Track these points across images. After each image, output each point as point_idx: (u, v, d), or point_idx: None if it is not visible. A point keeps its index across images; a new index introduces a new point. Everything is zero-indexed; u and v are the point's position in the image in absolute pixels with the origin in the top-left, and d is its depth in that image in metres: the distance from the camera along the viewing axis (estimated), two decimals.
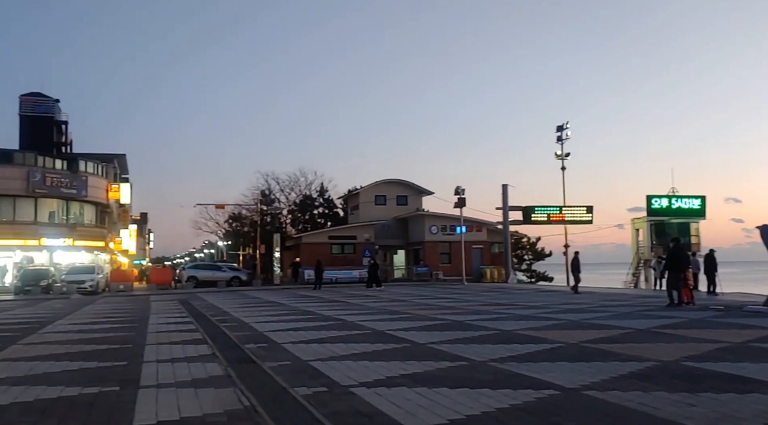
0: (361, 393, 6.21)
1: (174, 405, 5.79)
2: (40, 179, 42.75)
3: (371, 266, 33.74)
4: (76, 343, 10.85)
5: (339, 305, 20.01)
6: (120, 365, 8.36)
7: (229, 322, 14.47)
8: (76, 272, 36.13)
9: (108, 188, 50.50)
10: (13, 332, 13.11)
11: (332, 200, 63.09)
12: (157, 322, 14.87)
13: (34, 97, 53.67)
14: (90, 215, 48.44)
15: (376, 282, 32.51)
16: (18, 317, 17.91)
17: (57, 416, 5.49)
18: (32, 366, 8.28)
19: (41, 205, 43.80)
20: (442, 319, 14.18)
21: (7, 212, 42.56)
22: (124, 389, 6.65)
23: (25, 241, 41.94)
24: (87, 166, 47.71)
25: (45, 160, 44.62)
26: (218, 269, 42.97)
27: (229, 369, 7.74)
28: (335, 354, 8.91)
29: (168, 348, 9.88)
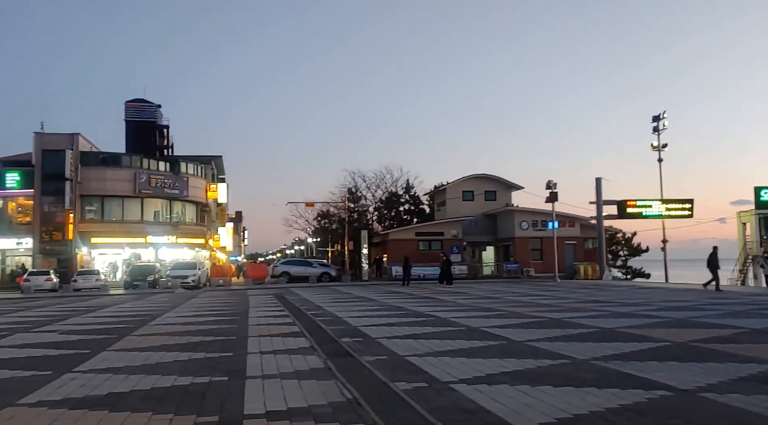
0: (462, 390, 6.16)
1: (280, 396, 5.97)
2: (146, 180, 45.45)
3: (443, 262, 33.49)
4: (184, 335, 11.42)
5: (429, 301, 19.98)
6: (226, 356, 8.72)
7: (323, 316, 14.78)
8: (179, 268, 38.13)
9: (206, 188, 52.99)
10: (126, 324, 14.00)
11: (418, 197, 63.11)
12: (257, 315, 15.41)
13: (138, 103, 57.02)
14: (191, 214, 51.01)
15: (447, 279, 32.22)
16: (129, 310, 19.10)
17: (173, 403, 5.78)
18: (147, 356, 8.80)
19: (147, 205, 46.55)
20: (538, 316, 13.85)
21: (117, 212, 45.54)
22: (232, 379, 6.93)
23: (133, 239, 44.77)
24: (187, 167, 50.22)
25: (149, 162, 47.36)
26: (309, 265, 44.02)
27: (329, 362, 7.89)
28: (431, 349, 8.89)
29: (269, 341, 10.21)
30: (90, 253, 44.23)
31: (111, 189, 44.99)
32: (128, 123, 56.68)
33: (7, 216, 43.79)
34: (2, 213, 43.70)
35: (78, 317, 16.43)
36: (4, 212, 43.76)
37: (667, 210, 39.78)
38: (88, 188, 44.07)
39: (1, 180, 43.00)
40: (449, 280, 32.36)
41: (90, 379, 7.09)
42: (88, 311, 18.66)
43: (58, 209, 42.66)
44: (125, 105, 57.46)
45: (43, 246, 42.46)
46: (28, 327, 13.99)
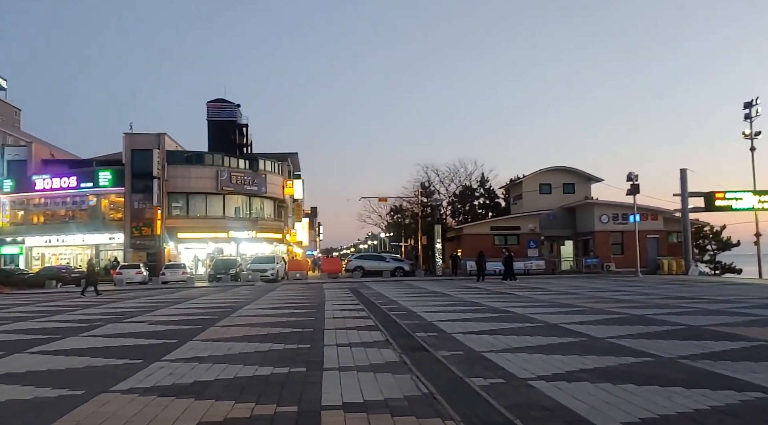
0: (541, 386, 6.03)
1: (356, 388, 6.05)
2: (227, 177, 47.14)
3: (506, 258, 32.76)
4: (264, 326, 11.77)
5: (505, 297, 19.69)
6: (304, 347, 8.92)
7: (397, 311, 14.85)
8: (259, 261, 39.33)
9: (283, 185, 54.35)
10: (211, 315, 14.57)
11: (493, 190, 62.26)
12: (332, 308, 15.67)
13: (219, 104, 59.13)
14: (269, 209, 52.49)
15: (511, 276, 31.59)
16: (213, 301, 19.87)
17: (255, 393, 5.97)
18: (230, 347, 9.12)
19: (228, 201, 48.27)
20: (620, 313, 13.38)
21: (201, 208, 47.46)
22: (310, 370, 7.08)
23: (215, 234, 46.58)
24: (265, 165, 51.67)
25: (230, 160, 49.09)
26: (383, 259, 44.34)
27: (404, 356, 7.92)
28: (508, 345, 8.76)
29: (345, 334, 10.36)
30: (176, 247, 46.33)
31: (195, 186, 46.94)
32: (210, 122, 58.93)
33: (101, 213, 46.50)
34: (96, 210, 46.44)
35: (166, 309, 17.24)
36: (98, 209, 46.48)
37: (761, 203, 37.42)
38: (173, 185, 46.14)
39: (95, 179, 45.69)
40: (511, 276, 31.80)
41: (177, 368, 7.43)
42: (175, 303, 19.55)
43: (147, 206, 44.92)
44: (207, 105, 59.77)
45: (134, 241, 44.83)
46: (121, 317, 14.80)
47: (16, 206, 47.88)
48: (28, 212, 47.74)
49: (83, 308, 18.38)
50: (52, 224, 46.91)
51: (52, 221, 47.13)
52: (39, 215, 47.69)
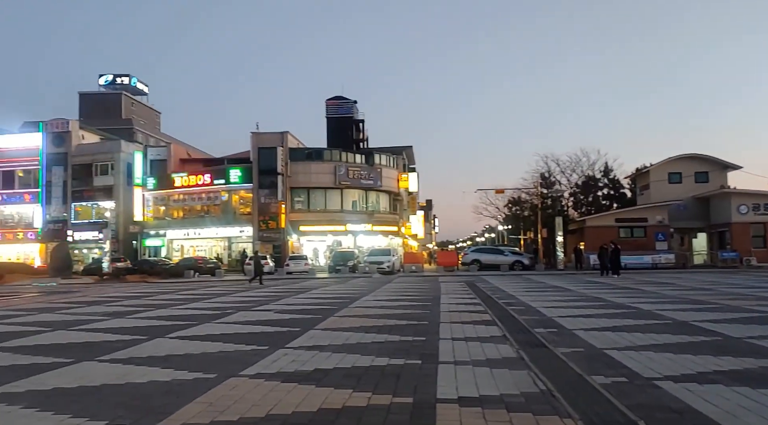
0: (668, 387, 5.70)
1: (472, 382, 6.03)
2: (345, 172, 48.52)
3: (612, 251, 30.82)
4: (381, 318, 12.01)
5: (631, 292, 18.72)
6: (419, 340, 9.01)
7: (515, 305, 14.59)
8: (375, 254, 40.17)
9: (398, 178, 55.03)
10: (330, 305, 15.10)
11: (618, 181, 59.25)
12: (448, 302, 15.68)
13: (337, 101, 60.87)
14: (384, 203, 53.36)
15: (615, 270, 29.75)
16: (333, 292, 20.56)
17: (371, 383, 6.13)
18: (348, 336, 9.41)
19: (346, 195, 49.69)
20: (760, 311, 12.30)
21: (320, 202, 49.22)
22: (425, 363, 7.15)
23: (334, 227, 48.16)
24: (381, 159, 52.58)
25: (347, 155, 50.50)
26: (500, 253, 43.62)
27: (521, 351, 7.78)
28: (633, 343, 8.35)
29: (460, 328, 10.34)
30: (298, 239, 48.39)
31: (315, 181, 48.77)
32: (329, 119, 60.85)
33: (232, 207, 49.51)
34: (228, 205, 49.51)
35: (290, 298, 18.08)
36: (229, 204, 49.52)
37: None
38: (296, 180, 48.21)
39: (227, 176, 48.73)
40: (616, 270, 30.09)
41: (299, 355, 7.78)
42: (298, 293, 20.45)
43: (272, 201, 47.28)
44: (326, 103, 61.75)
45: (261, 234, 47.36)
46: (250, 305, 15.71)
47: (158, 202, 52.13)
48: (169, 208, 51.81)
49: (217, 296, 19.69)
50: (190, 219, 50.63)
51: (190, 216, 50.85)
52: (178, 210, 51.63)
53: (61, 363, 7.53)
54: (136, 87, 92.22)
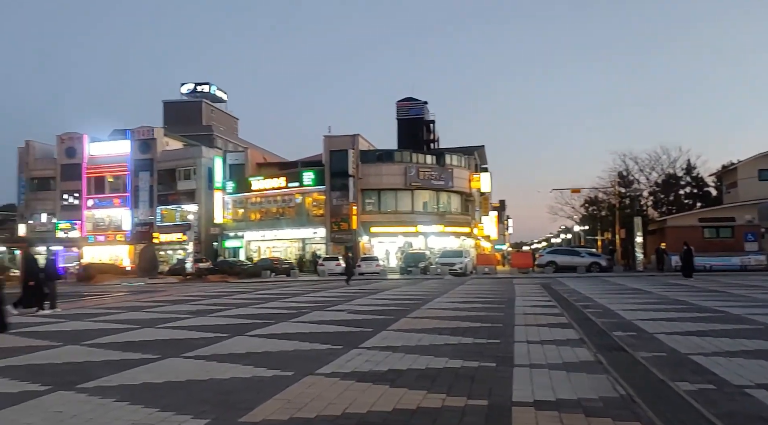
0: (761, 397, 5.40)
1: (548, 386, 5.92)
2: (415, 173, 48.63)
3: (685, 252, 29.25)
4: (454, 320, 11.96)
5: (717, 295, 17.80)
6: (493, 342, 8.92)
7: (593, 308, 14.17)
8: (447, 255, 39.98)
9: (470, 178, 54.62)
10: (402, 306, 15.17)
11: (701, 178, 56.55)
12: (523, 304, 15.42)
13: (408, 102, 61.07)
14: (456, 203, 53.08)
15: (687, 271, 28.42)
16: (404, 293, 20.63)
17: (445, 384, 6.12)
18: (420, 338, 9.43)
19: (416, 196, 49.78)
20: None
21: (391, 203, 49.52)
22: (500, 366, 7.07)
23: (405, 228, 48.31)
24: (452, 159, 52.35)
25: (418, 156, 50.58)
26: (577, 254, 42.42)
27: (599, 355, 7.57)
28: (720, 349, 7.95)
29: (536, 330, 10.16)
30: (370, 241, 48.85)
31: (386, 183, 49.11)
32: (399, 121, 61.11)
33: (305, 209, 50.60)
34: (301, 207, 50.64)
35: (362, 299, 18.28)
36: (303, 206, 50.63)
37: None
38: (366, 182, 48.71)
39: (300, 179, 49.86)
40: (689, 272, 28.62)
41: (373, 355, 7.87)
42: (370, 294, 20.64)
43: (344, 203, 47.98)
44: (396, 104, 62.07)
45: (333, 235, 48.15)
46: (324, 305, 16.01)
47: (236, 205, 53.97)
48: (247, 210, 53.54)
49: (292, 296, 20.17)
50: (266, 221, 52.14)
51: (266, 218, 52.37)
52: (255, 213, 53.28)
53: (149, 359, 7.94)
54: (216, 95, 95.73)
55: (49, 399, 5.74)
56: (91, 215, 58.95)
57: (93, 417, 5.06)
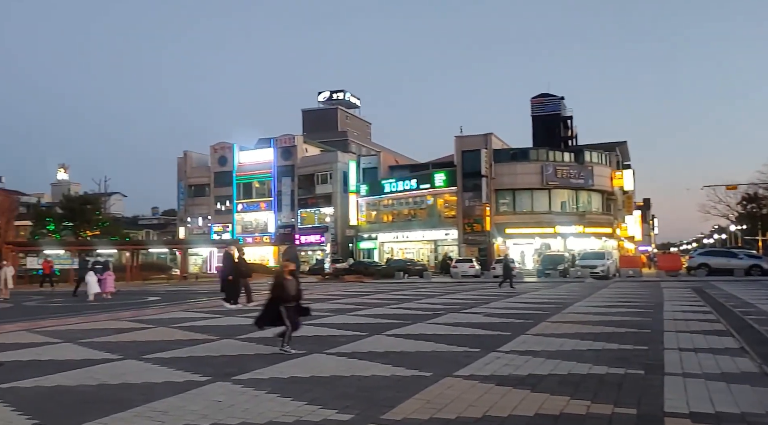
0: None
1: (705, 397, 5.50)
2: (552, 172, 47.07)
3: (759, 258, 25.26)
4: (597, 324, 11.44)
5: None
6: (640, 349, 8.43)
7: (754, 315, 12.94)
8: (588, 257, 38.27)
9: (611, 176, 51.93)
10: (541, 310, 14.76)
11: None
12: (672, 309, 14.41)
13: (543, 98, 59.41)
14: (596, 203, 50.70)
15: None
16: (543, 297, 20.05)
17: (590, 391, 5.88)
18: (562, 343, 9.13)
19: (554, 196, 48.17)
20: None
21: (526, 203, 48.31)
22: (649, 373, 6.67)
23: (542, 229, 46.88)
24: (591, 156, 50.08)
25: (554, 154, 48.94)
26: (734, 256, 38.78)
27: (765, 366, 6.90)
28: None
29: (688, 337, 9.46)
30: (504, 242, 47.99)
31: (521, 182, 48.01)
32: (534, 118, 59.62)
33: (437, 211, 50.81)
34: (433, 209, 50.92)
35: (498, 302, 18.02)
36: (434, 208, 50.88)
37: None
38: (500, 182, 47.92)
39: (431, 180, 50.15)
40: None
41: (512, 359, 7.74)
42: (506, 297, 20.28)
43: (477, 203, 47.56)
44: (531, 101, 60.61)
45: (466, 236, 47.89)
46: (458, 307, 15.98)
47: (370, 207, 55.43)
48: (380, 212, 54.81)
49: (426, 298, 20.35)
50: (398, 222, 53.04)
51: (398, 220, 53.28)
52: (388, 215, 54.39)
53: (295, 354, 8.38)
54: (350, 101, 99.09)
55: (210, 389, 6.25)
56: (241, 219, 63.27)
57: (248, 408, 5.44)
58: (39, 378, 6.87)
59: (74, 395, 6.09)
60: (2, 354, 8.87)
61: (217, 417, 5.11)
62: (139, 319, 14.23)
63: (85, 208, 53.04)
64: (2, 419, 5.14)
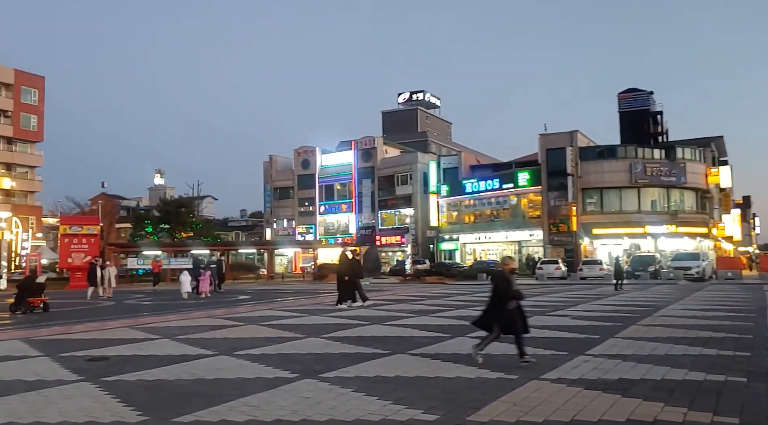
0: None
1: None
2: (641, 169, 45.19)
3: None
4: (692, 329, 10.89)
5: None
6: (742, 355, 7.96)
7: None
8: (681, 258, 36.46)
9: (706, 173, 49.19)
10: (630, 313, 14.21)
11: None
12: None
13: (630, 94, 57.16)
14: (690, 201, 48.20)
15: None
16: (633, 299, 19.29)
17: (686, 398, 5.62)
18: (654, 347, 8.76)
19: (643, 194, 46.22)
20: None
21: (614, 203, 46.59)
22: (752, 381, 6.30)
23: (631, 229, 45.07)
24: (684, 152, 47.72)
25: (644, 151, 46.91)
26: None
27: None
28: None
29: None
30: (592, 243, 46.48)
31: (608, 181, 46.39)
32: (622, 114, 57.46)
33: (521, 211, 49.89)
34: (516, 209, 50.04)
35: (586, 304, 17.49)
36: (518, 208, 49.99)
37: None
38: (587, 181, 46.48)
39: (515, 180, 49.30)
40: None
41: (601, 363, 7.50)
42: (594, 299, 19.66)
43: (562, 203, 46.33)
44: (618, 97, 58.49)
45: (551, 237, 46.75)
46: (544, 310, 15.63)
47: (451, 208, 55.16)
48: (461, 213, 54.45)
49: None
50: (480, 223, 52.47)
51: (480, 220, 52.71)
52: (469, 215, 53.92)
53: (379, 354, 8.49)
54: (429, 101, 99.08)
55: (298, 386, 6.44)
56: (323, 220, 64.62)
57: (335, 405, 5.56)
58: (141, 372, 7.30)
59: (173, 388, 6.43)
60: (108, 349, 9.50)
61: (306, 413, 5.26)
62: (230, 317, 14.84)
63: (180, 211, 55.82)
64: (110, 410, 5.51)
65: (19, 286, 17.91)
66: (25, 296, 17.17)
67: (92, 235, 37.14)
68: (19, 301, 17.12)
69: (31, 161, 70.04)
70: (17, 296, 17.31)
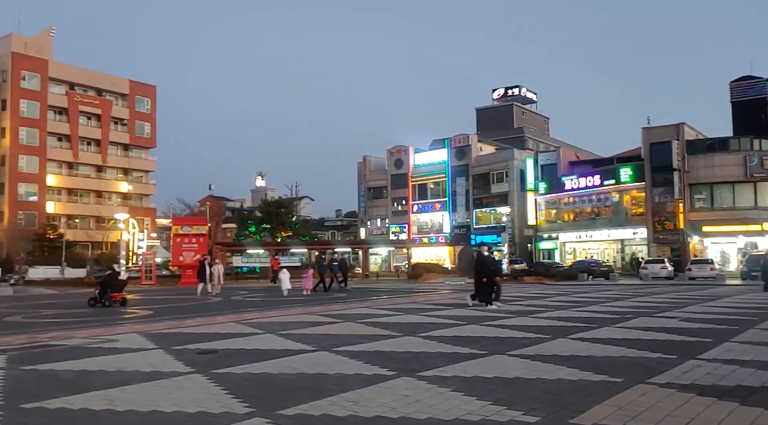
0: None
1: None
2: (758, 162, 42.09)
3: None
4: None
5: None
6: None
7: None
8: None
9: None
10: (748, 316, 13.27)
11: None
12: None
13: (744, 82, 53.36)
14: None
15: None
16: (749, 301, 18.00)
17: None
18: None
19: (760, 189, 43.02)
20: None
21: (726, 198, 43.65)
22: None
23: (746, 227, 42.05)
24: None
25: (761, 142, 43.65)
26: None
27: None
28: None
29: None
30: (701, 242, 43.78)
31: (719, 175, 43.56)
32: (734, 104, 53.74)
33: (623, 208, 47.81)
34: (619, 206, 47.99)
35: (696, 306, 16.51)
36: (621, 205, 47.93)
37: None
38: (695, 176, 43.87)
39: (616, 176, 47.32)
40: None
41: (715, 368, 7.06)
42: (705, 300, 18.53)
43: (668, 200, 43.98)
44: (730, 86, 54.75)
45: (656, 236, 44.48)
46: (650, 311, 14.90)
47: (549, 206, 53.76)
48: (560, 211, 52.94)
49: (613, 300, 19.25)
50: (580, 221, 50.78)
51: (580, 218, 51.01)
52: (569, 213, 52.32)
53: (477, 354, 8.41)
54: (525, 96, 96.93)
55: (396, 383, 6.50)
56: (416, 219, 64.83)
57: (434, 404, 5.57)
58: (247, 366, 7.64)
59: (277, 382, 6.69)
60: (216, 342, 10.01)
61: (405, 411, 5.31)
62: (328, 313, 15.23)
63: (280, 211, 57.90)
64: (219, 401, 5.80)
65: (103, 282, 19.33)
66: (109, 291, 18.54)
67: (201, 235, 39.24)
68: (102, 295, 18.49)
69: (145, 165, 75.15)
70: (101, 291, 18.68)
